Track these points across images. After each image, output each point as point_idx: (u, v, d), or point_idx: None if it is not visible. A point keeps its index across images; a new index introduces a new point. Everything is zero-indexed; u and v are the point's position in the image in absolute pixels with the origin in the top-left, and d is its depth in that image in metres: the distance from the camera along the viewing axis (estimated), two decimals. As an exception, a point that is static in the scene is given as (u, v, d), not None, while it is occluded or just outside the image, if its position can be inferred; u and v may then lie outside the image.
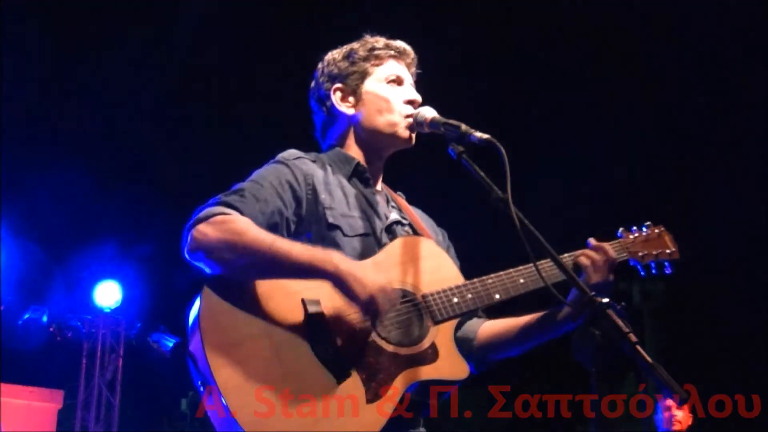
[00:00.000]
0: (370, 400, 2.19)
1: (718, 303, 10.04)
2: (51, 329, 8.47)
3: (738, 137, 8.68)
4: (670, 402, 6.60)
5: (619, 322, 1.90)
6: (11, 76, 7.19)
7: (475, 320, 2.69)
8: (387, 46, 2.71)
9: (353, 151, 2.66)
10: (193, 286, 2.30)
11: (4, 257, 7.79)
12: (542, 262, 2.44)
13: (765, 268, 9.21)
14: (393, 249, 2.47)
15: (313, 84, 2.77)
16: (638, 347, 1.86)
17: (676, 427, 6.54)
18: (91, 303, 8.64)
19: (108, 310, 8.71)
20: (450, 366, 2.35)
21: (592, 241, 2.62)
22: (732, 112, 8.53)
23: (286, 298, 2.25)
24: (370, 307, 2.20)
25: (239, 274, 2.25)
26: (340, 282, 2.20)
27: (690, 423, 6.60)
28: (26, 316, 8.30)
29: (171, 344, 8.71)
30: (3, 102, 7.18)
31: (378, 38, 2.73)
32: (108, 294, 8.65)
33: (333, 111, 2.69)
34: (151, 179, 8.81)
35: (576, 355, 1.93)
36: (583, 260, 2.56)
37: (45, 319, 8.42)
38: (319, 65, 2.75)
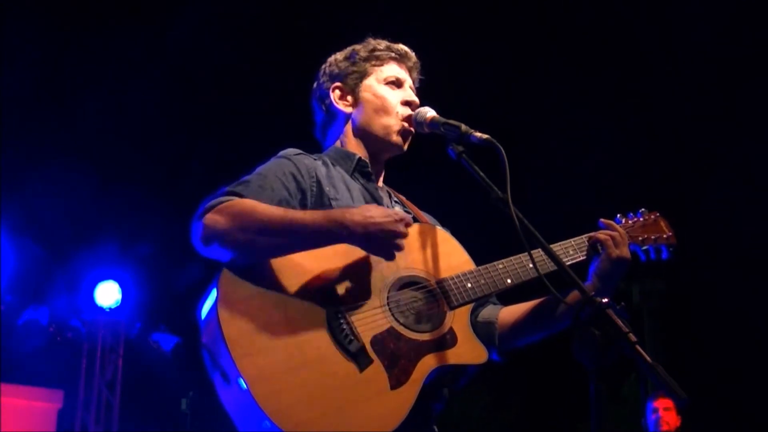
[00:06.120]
0: (393, 387, 2.19)
1: (717, 303, 10.05)
2: (51, 329, 8.46)
3: (737, 139, 8.68)
4: (658, 403, 6.62)
5: (619, 322, 1.90)
6: (11, 76, 7.18)
7: (491, 307, 2.69)
8: (388, 48, 2.74)
9: (352, 148, 2.68)
10: (195, 285, 2.30)
11: (4, 257, 7.78)
12: (538, 250, 2.42)
13: (764, 268, 9.21)
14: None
15: (314, 84, 2.79)
16: (638, 347, 1.86)
17: (664, 427, 6.55)
18: (91, 303, 8.63)
19: (108, 310, 8.70)
20: (470, 350, 2.35)
21: (603, 220, 2.65)
22: (733, 112, 8.53)
23: (303, 283, 2.25)
24: (393, 235, 2.21)
25: (257, 253, 2.24)
26: (353, 229, 2.20)
27: (678, 424, 6.62)
28: (26, 316, 8.29)
29: (171, 344, 8.71)
30: (3, 102, 7.18)
31: (380, 41, 2.76)
32: (108, 294, 8.64)
33: (331, 109, 2.72)
34: (151, 179, 8.81)
35: (576, 355, 1.93)
36: (602, 236, 2.57)
37: (45, 319, 8.41)
38: (322, 66, 2.78)
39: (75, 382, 8.73)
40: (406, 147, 2.67)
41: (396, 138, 2.64)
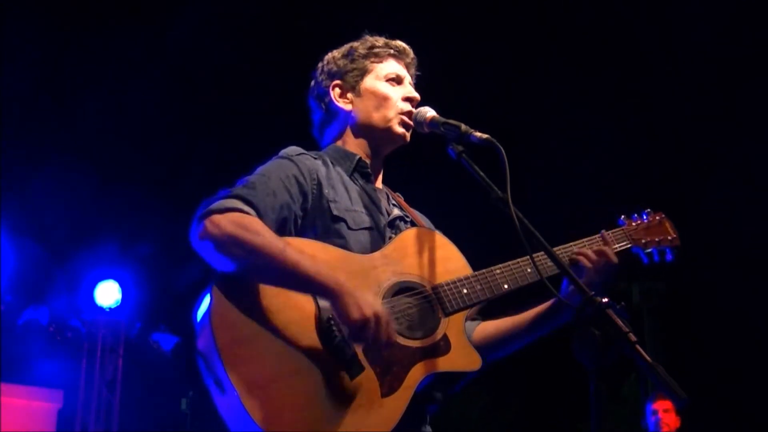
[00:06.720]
0: (385, 394, 2.18)
1: (717, 303, 10.04)
2: (51, 329, 8.45)
3: (737, 139, 8.68)
4: (657, 405, 6.63)
5: (619, 321, 1.90)
6: (11, 76, 7.18)
7: (468, 323, 2.66)
8: (387, 45, 2.73)
9: (352, 147, 2.67)
10: (195, 285, 2.28)
11: (4, 257, 7.77)
12: (540, 254, 2.41)
13: (764, 268, 9.20)
14: (401, 241, 2.47)
15: (312, 83, 2.78)
16: (638, 347, 1.86)
17: (664, 429, 6.56)
18: (91, 303, 8.63)
19: (108, 310, 8.69)
20: (464, 357, 2.34)
21: (604, 233, 2.66)
22: (733, 112, 8.52)
23: (297, 293, 2.24)
24: (361, 331, 2.15)
25: (242, 272, 2.22)
26: (338, 299, 2.16)
27: (678, 426, 6.63)
28: (26, 316, 8.28)
29: (171, 344, 8.70)
30: (3, 102, 7.18)
31: (378, 37, 2.75)
32: (108, 294, 8.63)
33: (331, 108, 2.70)
34: (151, 179, 8.81)
35: (576, 355, 1.93)
36: (584, 261, 2.57)
37: (45, 319, 8.41)
38: (319, 64, 2.77)
39: (75, 382, 8.72)
40: (408, 138, 2.67)
41: (399, 129, 2.63)
